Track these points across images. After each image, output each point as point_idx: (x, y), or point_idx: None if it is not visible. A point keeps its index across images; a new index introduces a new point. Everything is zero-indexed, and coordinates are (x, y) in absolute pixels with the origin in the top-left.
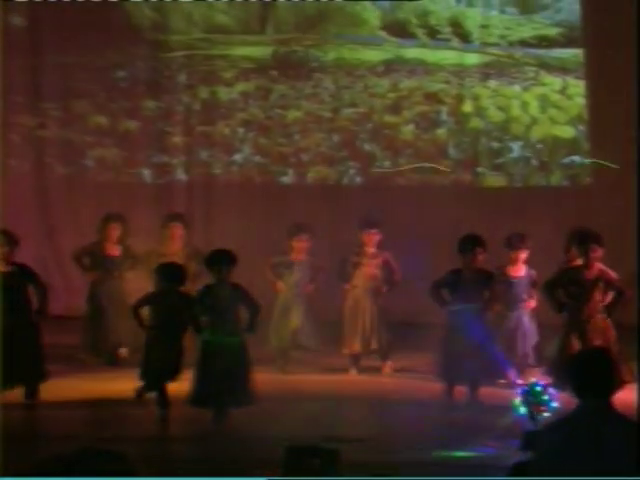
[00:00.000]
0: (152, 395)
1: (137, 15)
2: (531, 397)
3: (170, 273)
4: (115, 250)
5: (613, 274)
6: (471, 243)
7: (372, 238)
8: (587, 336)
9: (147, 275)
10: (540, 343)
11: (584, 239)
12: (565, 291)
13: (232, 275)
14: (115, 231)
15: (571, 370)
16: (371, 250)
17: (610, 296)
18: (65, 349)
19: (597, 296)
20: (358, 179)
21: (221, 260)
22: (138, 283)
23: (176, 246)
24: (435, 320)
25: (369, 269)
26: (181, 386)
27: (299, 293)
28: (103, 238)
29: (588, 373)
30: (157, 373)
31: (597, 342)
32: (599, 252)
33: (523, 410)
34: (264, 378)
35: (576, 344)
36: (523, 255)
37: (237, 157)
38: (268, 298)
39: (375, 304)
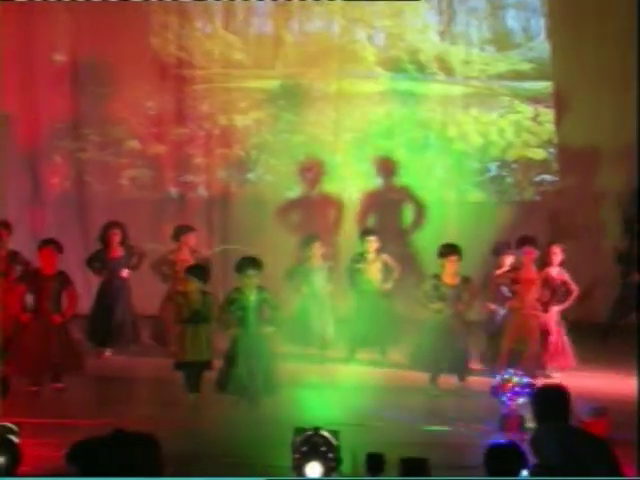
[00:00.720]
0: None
1: (165, 53)
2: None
3: (202, 273)
4: (118, 252)
5: (554, 274)
6: (448, 251)
7: (372, 245)
8: (516, 328)
9: (160, 278)
10: None
11: (521, 243)
12: (510, 289)
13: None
14: (116, 236)
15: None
16: (371, 256)
17: (549, 293)
18: None
19: (533, 293)
20: (355, 195)
21: (249, 266)
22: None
23: (187, 253)
24: None
25: (371, 273)
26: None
27: (318, 294)
28: (106, 243)
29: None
30: (192, 363)
31: (525, 333)
32: (534, 254)
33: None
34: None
35: (509, 336)
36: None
37: (250, 176)
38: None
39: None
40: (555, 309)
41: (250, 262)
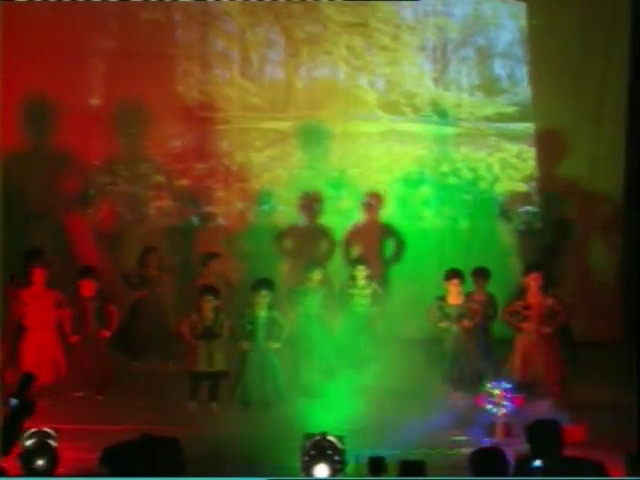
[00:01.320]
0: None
1: (189, 97)
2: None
3: (215, 293)
4: (154, 273)
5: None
6: (451, 275)
7: (362, 273)
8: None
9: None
10: None
11: (527, 270)
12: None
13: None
14: (153, 260)
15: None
16: (362, 282)
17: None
18: None
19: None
20: (360, 225)
21: (262, 286)
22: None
23: (213, 278)
24: None
25: (360, 298)
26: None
27: (313, 315)
28: (144, 265)
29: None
30: (204, 374)
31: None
32: (539, 279)
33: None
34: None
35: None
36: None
37: (265, 207)
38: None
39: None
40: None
41: (263, 282)
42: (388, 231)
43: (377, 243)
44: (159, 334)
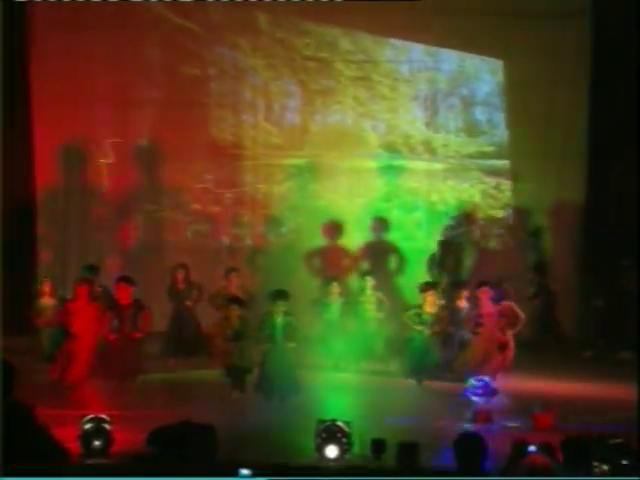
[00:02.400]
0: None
1: (220, 138)
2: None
3: (239, 303)
4: (182, 286)
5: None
6: (428, 287)
7: (369, 283)
8: (482, 347)
9: (216, 306)
10: None
11: (478, 285)
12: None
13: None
14: (180, 274)
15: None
16: (369, 292)
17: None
18: None
19: (492, 322)
20: (368, 244)
21: (278, 296)
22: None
23: (234, 288)
24: None
25: (368, 305)
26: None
27: (332, 322)
28: (173, 280)
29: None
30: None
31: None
32: (489, 292)
33: (472, 395)
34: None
35: (476, 352)
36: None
37: (283, 230)
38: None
39: None
40: (510, 332)
41: (279, 294)
42: (392, 249)
43: (383, 259)
44: (191, 337)
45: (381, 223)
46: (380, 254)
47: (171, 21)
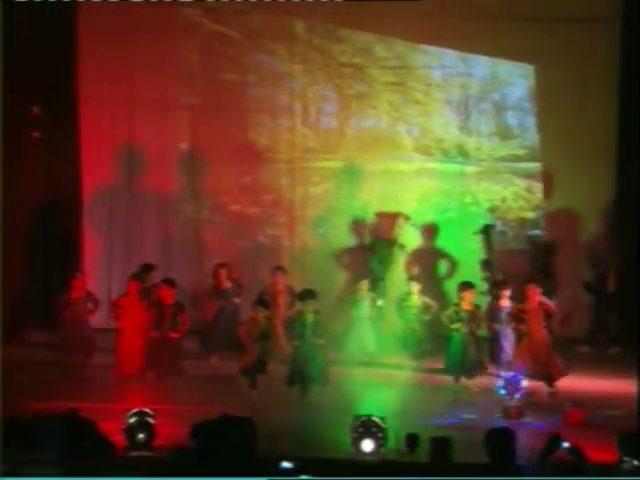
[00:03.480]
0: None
1: (258, 142)
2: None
3: (265, 304)
4: (225, 285)
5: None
6: (466, 286)
7: (416, 287)
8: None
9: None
10: None
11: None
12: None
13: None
14: (223, 273)
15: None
16: (415, 296)
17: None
18: None
19: (537, 320)
20: (417, 250)
21: (308, 296)
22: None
23: (281, 286)
24: None
25: (413, 309)
26: None
27: (362, 318)
28: (216, 279)
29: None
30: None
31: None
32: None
33: (503, 391)
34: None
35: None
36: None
37: (320, 230)
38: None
39: None
40: (544, 327)
41: (309, 293)
42: (441, 254)
43: (432, 264)
44: (231, 336)
45: (432, 229)
46: (428, 258)
47: (211, 28)
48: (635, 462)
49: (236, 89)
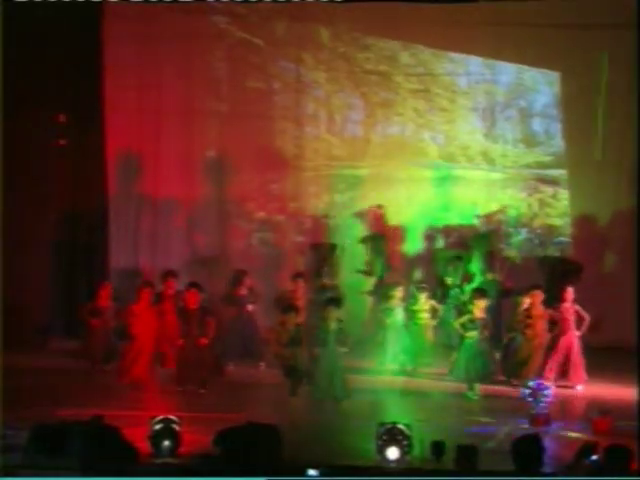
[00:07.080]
0: None
1: (284, 150)
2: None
3: (293, 310)
4: (243, 292)
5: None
6: (480, 294)
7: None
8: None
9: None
10: None
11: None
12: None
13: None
14: (242, 280)
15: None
16: (423, 301)
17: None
18: None
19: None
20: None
21: (332, 303)
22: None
23: (301, 292)
24: None
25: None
26: None
27: (398, 328)
28: (235, 286)
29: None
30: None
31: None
32: (541, 296)
33: (530, 398)
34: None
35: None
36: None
37: (345, 237)
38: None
39: None
40: (576, 334)
41: (332, 301)
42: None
43: (443, 268)
44: (250, 341)
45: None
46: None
47: (237, 36)
48: (595, 457)
49: (262, 97)
